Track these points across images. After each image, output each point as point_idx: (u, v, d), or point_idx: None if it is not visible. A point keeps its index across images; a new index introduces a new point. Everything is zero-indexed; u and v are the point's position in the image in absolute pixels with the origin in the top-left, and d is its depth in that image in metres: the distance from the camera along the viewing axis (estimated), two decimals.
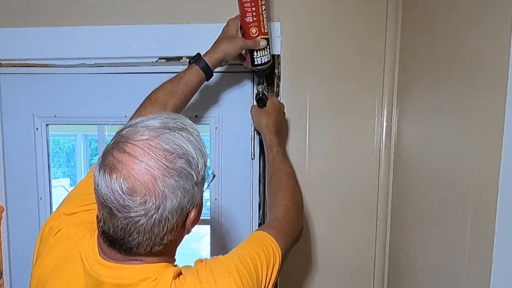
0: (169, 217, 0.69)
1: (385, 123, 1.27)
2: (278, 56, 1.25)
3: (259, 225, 1.34)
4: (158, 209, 0.68)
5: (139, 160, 0.66)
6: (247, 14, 1.08)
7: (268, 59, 1.15)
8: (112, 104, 1.35)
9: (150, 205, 0.67)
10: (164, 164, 0.67)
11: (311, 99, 1.27)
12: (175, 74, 1.09)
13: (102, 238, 0.74)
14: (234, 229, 1.35)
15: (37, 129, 1.37)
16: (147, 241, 0.70)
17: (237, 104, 1.32)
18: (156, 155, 0.67)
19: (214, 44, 1.10)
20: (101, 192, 0.68)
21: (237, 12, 1.11)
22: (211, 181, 0.79)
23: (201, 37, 1.24)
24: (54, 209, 1.42)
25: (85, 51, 1.28)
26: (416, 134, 1.13)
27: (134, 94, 1.31)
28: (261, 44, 1.11)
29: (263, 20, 1.10)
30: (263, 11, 1.10)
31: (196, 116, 1.34)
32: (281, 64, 1.26)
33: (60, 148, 4.44)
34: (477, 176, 0.77)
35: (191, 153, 0.71)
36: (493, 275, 0.71)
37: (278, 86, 1.27)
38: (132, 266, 0.73)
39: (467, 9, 0.84)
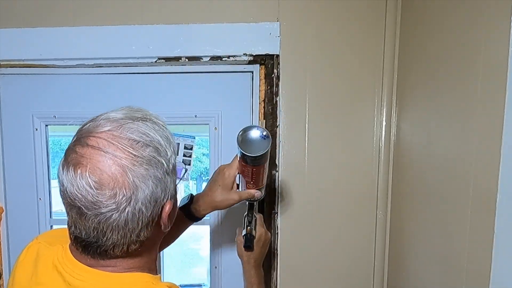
0: (143, 209, 0.65)
1: (384, 123, 1.27)
2: (278, 56, 1.26)
3: None
4: (130, 201, 0.63)
5: (104, 152, 0.62)
6: (247, 179, 1.03)
7: (262, 195, 1.09)
8: (112, 104, 1.32)
9: (120, 197, 0.62)
10: (131, 153, 0.63)
11: (310, 99, 1.27)
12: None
13: (74, 245, 0.69)
14: (233, 230, 1.35)
15: (36, 129, 1.37)
16: (122, 240, 0.66)
17: (236, 104, 1.32)
18: (121, 144, 0.64)
19: (209, 188, 1.05)
20: (67, 191, 0.63)
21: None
22: (184, 175, 0.75)
23: (200, 37, 1.25)
24: (53, 209, 1.44)
25: (84, 51, 1.28)
26: (416, 133, 1.13)
27: (133, 94, 1.33)
28: (255, 196, 1.05)
29: (263, 179, 1.05)
30: (264, 175, 1.04)
31: (196, 116, 1.34)
32: (280, 64, 1.26)
33: (60, 149, 4.44)
34: (477, 175, 0.77)
35: (158, 140, 0.67)
36: (493, 274, 0.71)
37: (277, 86, 1.27)
38: (106, 274, 0.69)
39: (466, 9, 0.84)
